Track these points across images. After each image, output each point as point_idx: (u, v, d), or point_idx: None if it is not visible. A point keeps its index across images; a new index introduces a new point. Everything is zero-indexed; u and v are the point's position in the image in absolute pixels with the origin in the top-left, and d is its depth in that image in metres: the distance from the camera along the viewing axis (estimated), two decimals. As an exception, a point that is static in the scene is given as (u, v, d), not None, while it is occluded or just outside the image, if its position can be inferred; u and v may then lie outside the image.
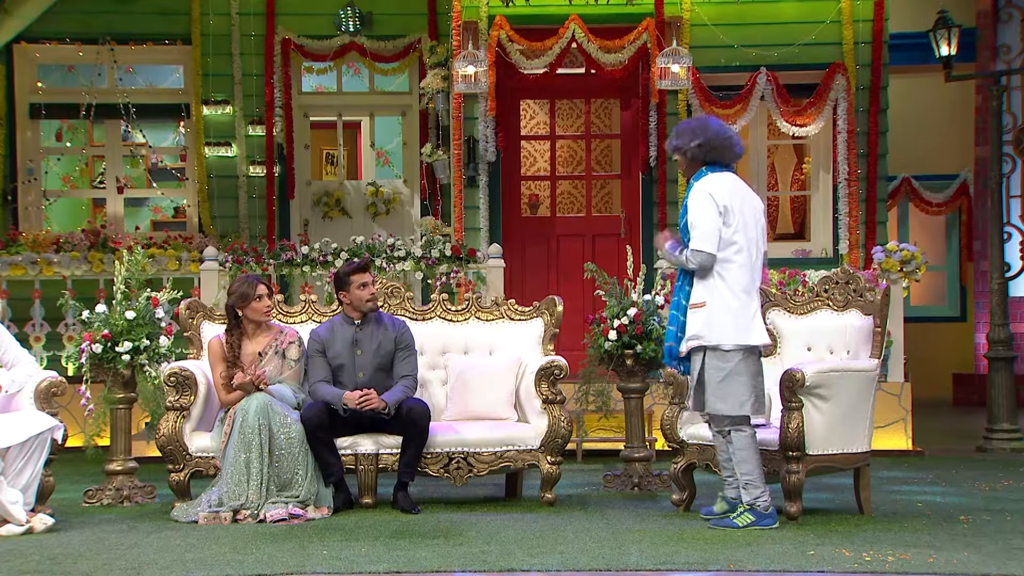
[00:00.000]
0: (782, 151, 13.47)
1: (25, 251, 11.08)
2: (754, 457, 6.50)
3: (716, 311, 6.49)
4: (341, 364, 7.27)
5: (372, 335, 7.32)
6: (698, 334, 6.52)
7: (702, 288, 6.55)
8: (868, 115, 11.57)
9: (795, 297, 7.48)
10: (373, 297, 7.34)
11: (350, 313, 7.36)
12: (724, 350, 6.48)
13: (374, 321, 7.36)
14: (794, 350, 7.29)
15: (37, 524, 6.48)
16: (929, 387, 13.56)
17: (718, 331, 6.48)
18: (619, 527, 6.48)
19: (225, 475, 6.84)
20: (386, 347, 7.31)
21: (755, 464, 6.49)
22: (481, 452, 7.25)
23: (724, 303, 6.49)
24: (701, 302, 6.54)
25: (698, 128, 6.64)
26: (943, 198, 14.99)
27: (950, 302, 15.62)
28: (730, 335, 6.48)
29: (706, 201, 6.51)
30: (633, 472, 8.07)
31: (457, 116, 11.50)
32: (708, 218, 6.49)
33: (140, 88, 12.59)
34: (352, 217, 12.74)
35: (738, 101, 11.46)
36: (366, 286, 7.30)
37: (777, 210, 13.61)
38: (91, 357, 7.56)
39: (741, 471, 6.51)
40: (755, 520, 6.43)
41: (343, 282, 7.32)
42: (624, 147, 12.24)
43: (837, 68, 11.42)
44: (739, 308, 6.49)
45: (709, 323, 6.49)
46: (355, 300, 7.31)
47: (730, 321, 6.48)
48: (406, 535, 6.26)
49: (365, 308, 7.32)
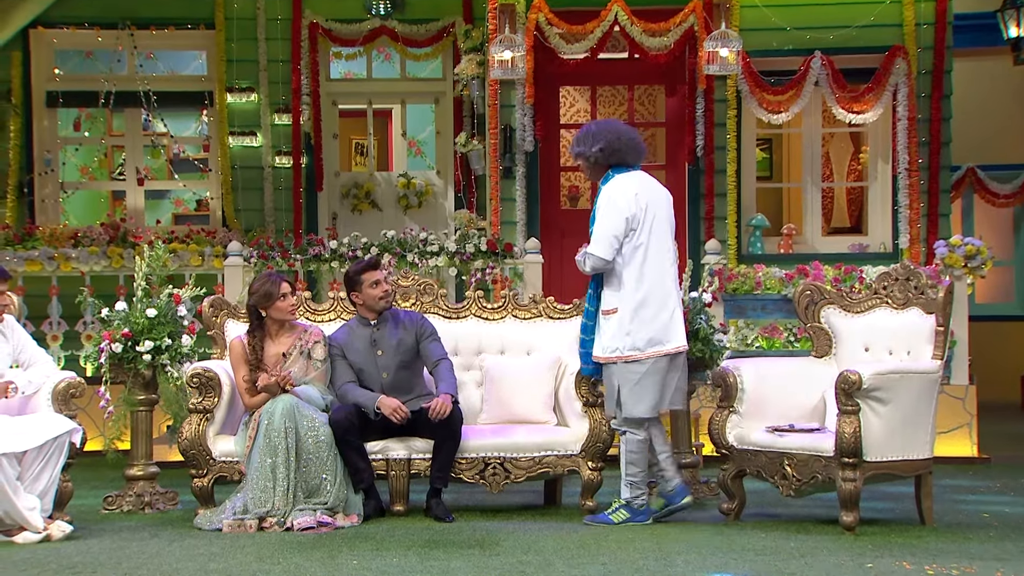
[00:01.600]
0: (838, 140, 13.41)
1: (42, 246, 11.20)
2: (644, 460, 6.91)
3: (628, 318, 6.79)
4: (362, 367, 7.29)
5: (390, 333, 7.34)
6: (612, 344, 6.84)
7: (613, 294, 6.86)
8: (930, 101, 11.50)
9: (851, 295, 7.44)
10: (387, 294, 7.36)
11: (365, 314, 7.38)
12: (638, 360, 6.80)
13: (390, 319, 7.38)
14: (850, 351, 7.25)
15: (55, 531, 6.53)
16: (996, 390, 13.44)
17: (632, 339, 6.79)
18: (664, 537, 6.46)
19: (250, 481, 6.88)
20: (407, 343, 7.33)
21: (643, 466, 6.90)
22: (518, 457, 7.26)
23: (635, 309, 6.79)
24: (613, 308, 6.84)
25: (599, 132, 6.95)
26: (1010, 189, 14.84)
27: (1019, 299, 15.49)
28: (644, 344, 6.80)
29: (610, 206, 6.83)
30: (679, 479, 8.05)
31: (493, 104, 11.51)
32: (608, 223, 6.81)
33: (161, 75, 12.69)
34: (382, 210, 12.79)
35: (791, 87, 11.41)
36: (378, 284, 7.32)
37: (832, 202, 13.56)
38: (110, 357, 7.61)
39: (628, 472, 6.88)
40: (630, 517, 6.86)
41: (354, 282, 7.34)
42: (669, 136, 12.22)
43: (897, 51, 11.35)
44: (653, 314, 6.80)
45: (622, 331, 6.80)
46: (368, 300, 7.33)
47: (644, 328, 6.79)
48: (440, 544, 6.27)
49: (379, 307, 7.34)
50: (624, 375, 6.83)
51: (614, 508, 6.92)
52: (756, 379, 7.12)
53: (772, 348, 10.44)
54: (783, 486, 6.81)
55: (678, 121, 11.90)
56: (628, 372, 6.82)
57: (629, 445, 6.91)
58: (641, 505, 6.91)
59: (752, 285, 10.39)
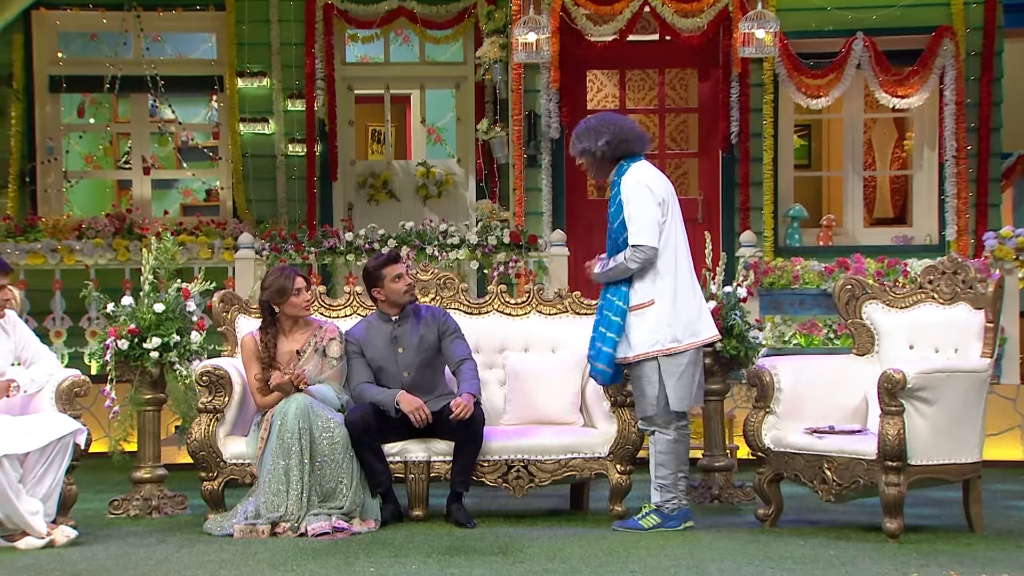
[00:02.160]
0: (880, 125, 13.36)
1: (44, 238, 11.26)
2: (675, 460, 6.85)
3: (667, 308, 6.76)
4: (381, 366, 7.30)
5: (412, 330, 7.36)
6: (651, 337, 6.77)
7: (647, 286, 6.81)
8: (979, 84, 11.46)
9: (895, 289, 7.41)
10: (410, 287, 7.38)
11: (386, 310, 7.39)
12: (680, 351, 6.78)
13: (411, 315, 7.40)
14: (894, 348, 7.23)
15: (59, 537, 6.56)
16: (1049, 390, 13.36)
17: (673, 330, 6.77)
18: (697, 544, 6.46)
19: (262, 484, 6.91)
20: (429, 340, 7.35)
21: (675, 467, 6.85)
22: (543, 460, 7.27)
23: (673, 299, 6.78)
24: (648, 300, 6.79)
25: (600, 125, 6.95)
26: (1065, 177, 14.77)
27: (1074, 294, 15.38)
28: (683, 335, 6.78)
29: (641, 193, 6.80)
30: (713, 483, 8.06)
31: (517, 89, 11.52)
32: (646, 210, 6.78)
33: (169, 59, 12.74)
34: (400, 200, 12.82)
35: (831, 70, 11.39)
36: (401, 277, 7.34)
37: (875, 191, 13.52)
38: (116, 354, 7.65)
39: (658, 474, 6.86)
40: (661, 523, 6.82)
41: (375, 277, 7.35)
42: (702, 122, 12.20)
43: (944, 32, 11.31)
44: (689, 303, 6.81)
45: (662, 323, 6.76)
46: (391, 295, 7.34)
47: (682, 318, 6.78)
48: (461, 551, 6.28)
49: (403, 301, 7.36)
50: (668, 368, 6.80)
51: (644, 513, 6.90)
52: (794, 378, 7.10)
53: (811, 345, 10.42)
54: (822, 491, 6.80)
55: (711, 107, 11.87)
56: (672, 365, 6.80)
57: (659, 445, 6.89)
58: (673, 510, 6.88)
59: (789, 279, 10.37)
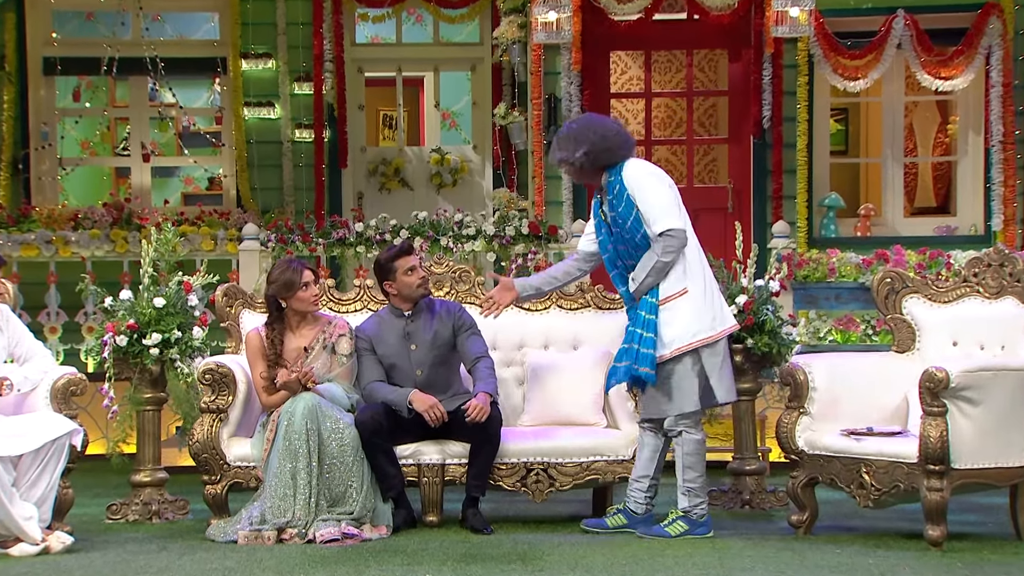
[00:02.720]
0: (922, 109, 13.31)
1: (39, 228, 11.29)
2: (703, 463, 6.89)
3: (701, 296, 6.79)
4: (393, 363, 7.31)
5: (426, 325, 7.36)
6: (692, 327, 6.76)
7: (678, 276, 6.81)
8: (1028, 65, 11.40)
9: (937, 282, 7.40)
10: (424, 281, 7.39)
11: (399, 304, 7.40)
12: (718, 340, 6.80)
13: (425, 310, 7.40)
14: (936, 345, 7.22)
15: (54, 543, 6.58)
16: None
17: (710, 319, 6.79)
18: (727, 552, 6.46)
19: (268, 488, 6.92)
20: (443, 336, 7.35)
21: (703, 470, 6.89)
22: (564, 463, 7.26)
23: (704, 285, 6.82)
24: (682, 290, 6.79)
25: (580, 133, 6.92)
26: (1118, 164, 14.70)
27: None
28: (719, 323, 6.81)
29: (652, 180, 6.85)
30: (743, 488, 8.05)
31: (536, 71, 11.51)
32: (663, 195, 6.81)
33: (170, 39, 12.76)
34: (413, 189, 12.83)
35: (870, 50, 11.35)
36: (414, 270, 7.34)
37: (916, 179, 13.47)
38: (114, 351, 7.67)
39: (686, 477, 6.86)
40: (688, 529, 6.83)
41: (387, 270, 7.36)
42: (732, 106, 12.17)
43: (991, 9, 11.26)
44: (716, 288, 6.93)
45: (698, 312, 6.77)
46: (404, 288, 7.34)
47: (714, 305, 6.83)
48: (477, 559, 6.29)
49: (416, 295, 7.37)
50: (711, 360, 6.80)
51: (671, 520, 6.91)
52: (829, 377, 7.09)
53: (847, 342, 10.39)
54: (860, 496, 6.78)
55: (742, 89, 11.84)
56: (713, 355, 6.81)
57: (686, 447, 6.88)
58: (701, 516, 6.89)
59: (825, 272, 10.35)
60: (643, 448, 7.04)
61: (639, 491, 7.02)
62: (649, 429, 7.00)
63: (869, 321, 10.54)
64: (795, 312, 10.07)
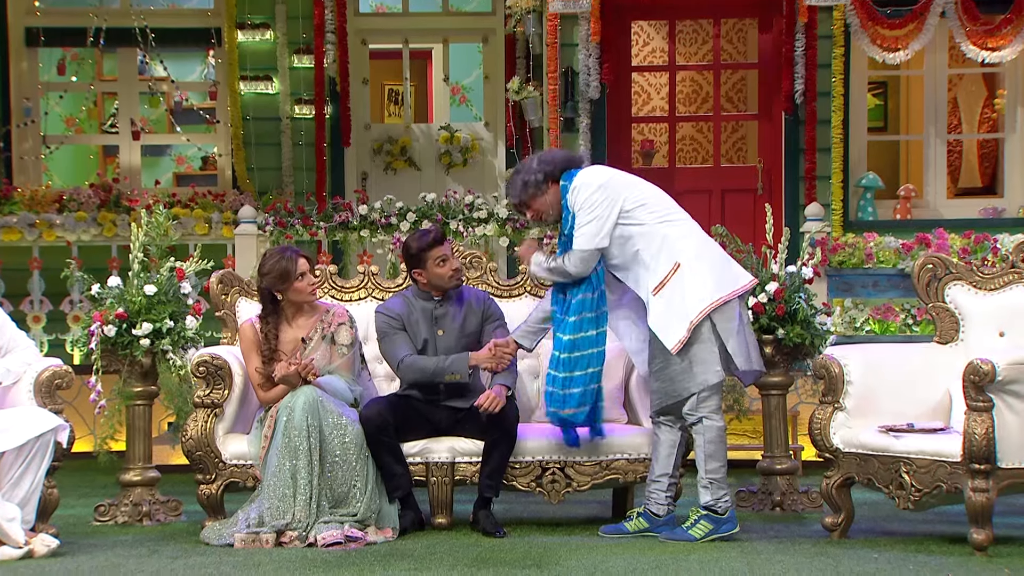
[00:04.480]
0: (968, 82, 13.29)
1: (21, 211, 11.32)
2: (724, 453, 6.90)
3: (694, 264, 6.82)
4: (422, 347, 7.33)
5: (455, 313, 7.38)
6: (698, 295, 6.78)
7: (664, 257, 6.84)
8: (1081, 35, 11.37)
9: (983, 268, 7.38)
10: (456, 272, 7.39)
11: (427, 290, 7.42)
12: (728, 300, 6.82)
13: (455, 296, 7.42)
14: (981, 335, 7.20)
15: (38, 546, 6.59)
16: None
17: (714, 282, 6.81)
18: (756, 557, 6.46)
19: (267, 488, 6.93)
20: (472, 325, 7.38)
21: (724, 460, 6.90)
22: (582, 462, 7.27)
23: (699, 252, 6.87)
24: (672, 267, 6.82)
25: (526, 164, 7.13)
26: None
27: None
28: (730, 280, 6.86)
29: (597, 194, 6.90)
30: (774, 488, 8.05)
31: (552, 42, 11.50)
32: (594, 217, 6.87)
33: (161, 9, 12.77)
34: (421, 169, 12.83)
35: (910, 19, 11.32)
36: (446, 261, 7.34)
37: (960, 158, 13.46)
38: (102, 341, 7.69)
39: (708, 467, 6.84)
40: (714, 528, 6.84)
41: (417, 259, 7.36)
42: (763, 80, 12.17)
43: (1041, -25, 11.23)
44: (713, 251, 6.99)
45: (699, 280, 6.79)
46: (435, 279, 7.35)
47: (720, 266, 6.90)
48: (489, 563, 6.30)
49: (448, 286, 7.38)
50: (723, 325, 6.80)
51: (693, 521, 6.89)
52: (866, 370, 7.08)
53: (886, 332, 10.38)
54: (899, 497, 6.77)
55: (773, 62, 11.82)
56: (727, 321, 6.80)
57: (708, 434, 6.86)
58: (725, 510, 6.88)
59: (862, 258, 10.33)
60: (659, 445, 7.03)
61: (659, 491, 7.02)
62: (665, 423, 6.98)
63: (909, 310, 10.53)
64: (829, 300, 10.07)
